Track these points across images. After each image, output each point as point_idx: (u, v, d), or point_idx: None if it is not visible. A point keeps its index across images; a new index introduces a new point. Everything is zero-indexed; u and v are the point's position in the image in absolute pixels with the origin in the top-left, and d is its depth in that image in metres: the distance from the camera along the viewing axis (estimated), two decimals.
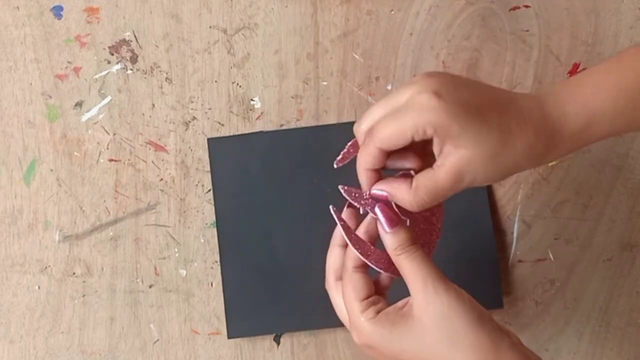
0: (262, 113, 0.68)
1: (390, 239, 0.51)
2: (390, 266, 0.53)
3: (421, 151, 0.51)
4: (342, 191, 0.53)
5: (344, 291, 0.51)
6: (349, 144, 0.56)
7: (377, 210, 0.52)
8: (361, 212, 0.53)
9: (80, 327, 0.67)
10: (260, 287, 0.66)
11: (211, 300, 0.67)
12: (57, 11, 0.69)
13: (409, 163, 0.52)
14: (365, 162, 0.51)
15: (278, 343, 0.67)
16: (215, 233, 0.67)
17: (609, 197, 0.68)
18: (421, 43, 0.69)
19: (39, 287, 0.67)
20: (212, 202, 0.67)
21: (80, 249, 0.67)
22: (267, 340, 0.66)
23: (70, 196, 0.68)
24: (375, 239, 0.53)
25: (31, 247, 0.67)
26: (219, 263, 0.67)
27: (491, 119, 0.48)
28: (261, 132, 0.68)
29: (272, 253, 0.66)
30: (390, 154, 0.51)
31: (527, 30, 0.68)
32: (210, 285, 0.67)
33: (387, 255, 0.52)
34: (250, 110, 0.68)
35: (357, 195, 0.53)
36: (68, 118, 0.68)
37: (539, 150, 0.50)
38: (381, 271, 0.53)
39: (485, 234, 0.66)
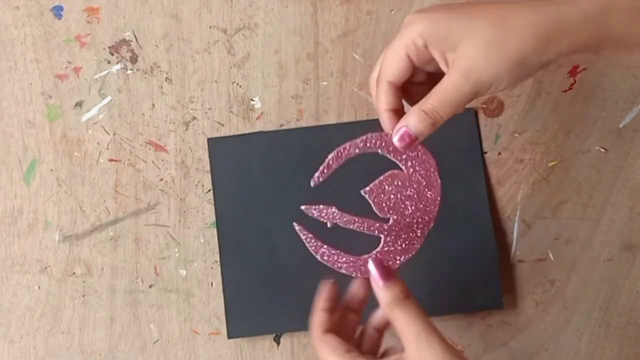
0: (262, 113, 0.68)
1: (385, 294, 0.51)
2: (359, 269, 0.58)
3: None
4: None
5: (323, 353, 0.52)
6: (329, 157, 0.59)
7: (370, 265, 0.52)
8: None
9: (80, 327, 0.67)
10: (260, 287, 0.66)
11: (211, 300, 0.67)
12: (57, 11, 0.69)
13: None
14: (381, 101, 0.51)
15: (278, 343, 0.67)
16: (216, 233, 0.67)
17: (609, 197, 0.68)
18: None
19: (39, 287, 0.67)
20: (212, 202, 0.67)
21: (80, 249, 0.67)
22: (267, 340, 0.67)
23: (70, 196, 0.68)
24: (365, 302, 0.55)
25: (31, 247, 0.67)
26: (219, 263, 0.67)
27: (477, 12, 0.48)
28: (261, 132, 0.68)
29: (272, 253, 0.66)
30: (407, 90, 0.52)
31: None
32: (210, 285, 0.67)
33: (355, 260, 0.57)
34: (250, 110, 0.68)
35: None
36: (68, 118, 0.68)
37: (547, 30, 0.47)
38: (353, 274, 0.59)
39: (485, 234, 0.66)
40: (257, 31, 0.69)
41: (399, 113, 0.52)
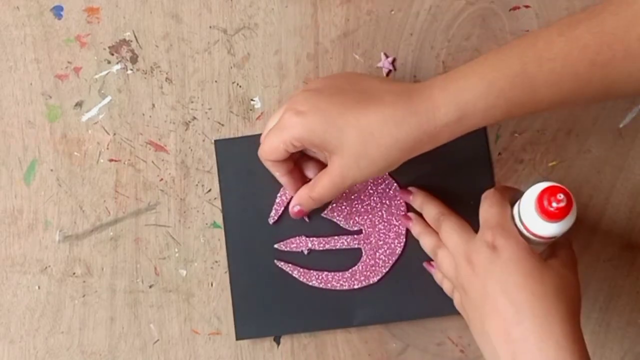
0: (262, 113, 0.68)
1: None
2: (352, 282, 0.66)
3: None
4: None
5: None
6: (277, 201, 0.66)
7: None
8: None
9: (80, 327, 0.67)
10: (268, 288, 0.66)
11: (211, 300, 0.67)
12: (57, 11, 0.69)
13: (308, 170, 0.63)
14: (274, 172, 0.62)
15: (278, 343, 0.67)
16: (215, 233, 0.67)
17: (609, 197, 0.68)
18: (421, 43, 0.69)
19: (39, 287, 0.67)
20: (212, 202, 0.67)
21: (80, 249, 0.67)
22: (267, 340, 0.66)
23: (70, 196, 0.68)
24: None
25: (31, 247, 0.67)
26: (219, 263, 0.67)
27: (349, 123, 0.54)
28: None
29: (279, 253, 0.66)
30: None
31: (527, 30, 0.68)
32: (210, 285, 0.67)
33: (345, 275, 0.66)
34: (251, 110, 0.68)
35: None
36: (68, 118, 0.68)
37: (410, 143, 0.54)
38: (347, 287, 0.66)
39: None
40: (257, 31, 0.69)
41: (294, 172, 0.62)
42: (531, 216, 0.51)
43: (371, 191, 0.66)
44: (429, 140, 0.54)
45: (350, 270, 0.66)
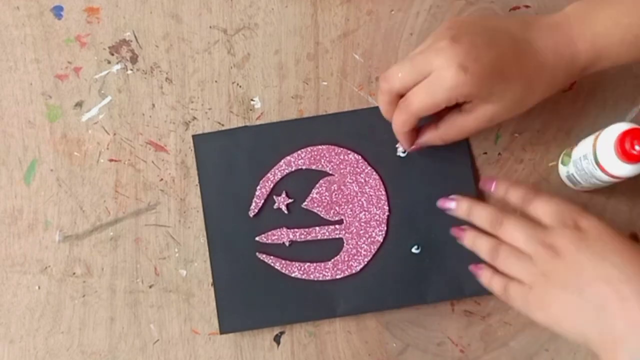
0: (262, 113, 0.68)
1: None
2: (335, 272, 0.66)
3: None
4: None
5: None
6: (257, 194, 0.66)
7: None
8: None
9: (80, 327, 0.67)
10: (250, 281, 0.66)
11: (211, 300, 0.67)
12: (57, 11, 0.69)
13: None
14: (403, 126, 0.60)
15: (278, 343, 0.67)
16: None
17: (609, 197, 0.68)
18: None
19: (39, 287, 0.67)
20: None
21: (80, 249, 0.67)
22: (267, 341, 0.67)
23: (70, 196, 0.68)
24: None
25: (31, 247, 0.67)
26: None
27: (513, 75, 0.57)
28: (246, 126, 0.68)
29: (260, 245, 0.66)
30: None
31: None
32: (210, 285, 0.67)
33: (326, 265, 0.66)
34: (251, 110, 0.68)
35: None
36: (68, 118, 0.68)
37: (555, 86, 0.59)
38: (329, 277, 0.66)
39: None
40: (257, 31, 0.69)
41: (415, 130, 0.62)
42: (609, 156, 0.56)
43: (351, 180, 0.66)
44: (567, 82, 0.60)
45: (332, 260, 0.66)
